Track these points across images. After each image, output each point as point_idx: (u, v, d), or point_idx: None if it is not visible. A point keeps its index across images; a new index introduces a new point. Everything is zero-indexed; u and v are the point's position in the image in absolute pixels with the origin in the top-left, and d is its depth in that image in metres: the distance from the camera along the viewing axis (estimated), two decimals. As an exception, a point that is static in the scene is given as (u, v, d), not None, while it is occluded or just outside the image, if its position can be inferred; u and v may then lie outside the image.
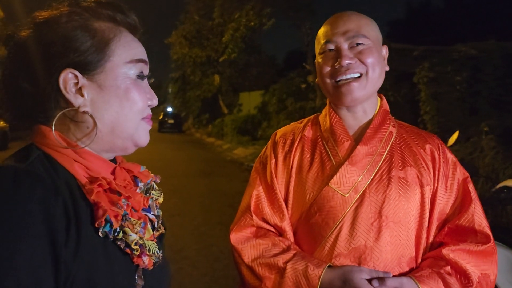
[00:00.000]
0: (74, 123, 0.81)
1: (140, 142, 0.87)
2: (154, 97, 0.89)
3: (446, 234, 1.22)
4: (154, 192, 0.93)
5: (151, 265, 0.82)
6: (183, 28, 22.97)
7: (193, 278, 4.12)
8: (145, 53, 0.89)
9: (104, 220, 0.75)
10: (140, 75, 0.85)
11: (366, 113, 1.28)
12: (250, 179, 1.36)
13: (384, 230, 1.16)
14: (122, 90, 0.82)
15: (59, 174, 0.76)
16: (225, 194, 8.00)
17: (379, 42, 1.28)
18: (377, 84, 1.26)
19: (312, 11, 14.91)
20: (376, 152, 1.23)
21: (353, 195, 1.18)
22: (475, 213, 1.22)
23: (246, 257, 1.22)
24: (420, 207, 1.21)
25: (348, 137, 1.25)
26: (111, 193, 0.80)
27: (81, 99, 0.79)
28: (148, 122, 0.88)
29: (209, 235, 5.49)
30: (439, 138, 1.32)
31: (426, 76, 8.58)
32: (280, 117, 15.35)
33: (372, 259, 1.15)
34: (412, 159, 1.24)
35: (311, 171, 1.25)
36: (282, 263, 1.17)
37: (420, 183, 1.21)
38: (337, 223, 1.17)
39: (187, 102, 28.21)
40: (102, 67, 0.80)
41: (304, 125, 1.36)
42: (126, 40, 0.84)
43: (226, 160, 13.86)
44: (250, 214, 1.28)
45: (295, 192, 1.26)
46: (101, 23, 0.82)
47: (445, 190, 1.24)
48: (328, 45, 1.25)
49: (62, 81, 0.78)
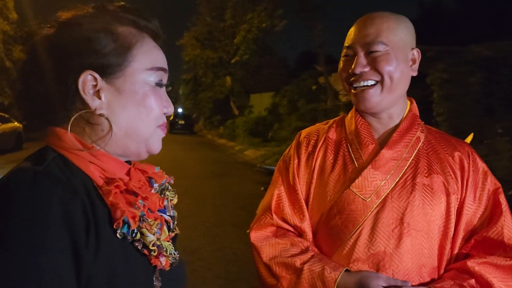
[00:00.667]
0: (90, 125, 0.81)
1: (153, 149, 0.87)
2: (170, 105, 0.88)
3: (472, 246, 1.17)
4: (169, 193, 0.93)
5: (168, 266, 0.82)
6: (195, 30, 23.11)
7: (207, 280, 4.12)
8: (165, 62, 0.88)
9: (122, 221, 0.75)
10: (159, 83, 0.85)
11: (392, 118, 1.24)
12: (273, 178, 1.35)
13: (405, 237, 1.13)
14: (140, 96, 0.81)
15: (76, 175, 0.76)
16: (237, 196, 8.01)
17: (403, 47, 1.20)
18: (398, 91, 1.20)
19: (324, 12, 14.91)
20: (401, 157, 1.19)
21: (374, 199, 1.16)
22: (505, 226, 1.16)
23: (265, 255, 1.22)
24: (445, 217, 1.17)
25: (373, 140, 1.23)
26: (128, 194, 0.79)
27: (98, 101, 0.79)
28: (163, 130, 0.88)
29: (222, 236, 5.50)
30: (470, 146, 1.26)
31: (439, 77, 8.50)
32: (291, 118, 15.33)
33: (391, 267, 1.12)
34: (439, 166, 1.20)
35: (333, 173, 1.23)
36: (300, 264, 1.16)
37: (446, 191, 1.17)
38: (357, 227, 1.15)
39: (199, 104, 28.33)
40: (122, 72, 0.80)
41: (329, 126, 1.34)
42: (148, 47, 0.84)
43: (237, 162, 13.88)
44: (271, 214, 1.27)
45: (316, 193, 1.25)
46: (124, 27, 0.82)
47: (473, 200, 1.19)
48: (348, 50, 1.23)
49: (81, 83, 0.78)
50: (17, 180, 0.69)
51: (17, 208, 0.66)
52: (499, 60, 8.14)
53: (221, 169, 11.63)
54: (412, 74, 1.23)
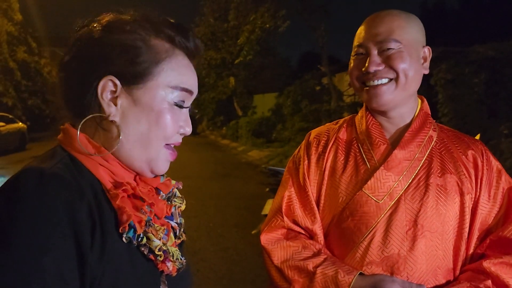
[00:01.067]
0: (101, 130, 0.81)
1: (157, 170, 0.85)
2: (189, 126, 0.86)
3: (488, 246, 1.15)
4: (176, 199, 0.93)
5: (175, 271, 0.82)
6: (198, 31, 23.08)
7: (211, 281, 4.12)
8: (195, 83, 0.87)
9: (128, 226, 0.75)
10: (179, 103, 0.83)
11: (403, 117, 1.23)
12: (283, 180, 1.33)
13: (420, 239, 1.11)
14: (155, 112, 0.80)
15: (84, 177, 0.76)
16: (240, 196, 8.00)
17: (414, 44, 1.19)
18: (411, 89, 1.20)
19: (327, 13, 14.85)
20: (414, 157, 1.17)
21: (387, 201, 1.14)
22: None
23: (276, 259, 1.20)
24: (459, 217, 1.15)
25: (384, 140, 1.21)
26: (135, 198, 0.79)
27: (114, 108, 0.79)
28: (171, 153, 0.86)
29: (226, 237, 5.50)
30: (483, 144, 1.25)
31: (443, 78, 8.47)
32: (294, 119, 15.30)
33: (406, 269, 1.10)
34: (452, 166, 1.18)
35: (345, 174, 1.21)
36: (312, 267, 1.14)
37: (460, 191, 1.15)
38: (370, 230, 1.13)
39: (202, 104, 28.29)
40: (144, 84, 0.80)
41: (339, 126, 1.32)
42: (178, 64, 0.83)
43: (241, 162, 13.87)
44: (281, 216, 1.26)
45: (327, 194, 1.23)
46: (159, 41, 0.82)
47: (488, 199, 1.17)
48: (359, 49, 1.21)
49: (101, 87, 0.78)
50: (24, 180, 0.69)
51: (22, 209, 0.66)
52: (503, 61, 8.11)
53: (224, 170, 11.63)
54: (424, 72, 1.22)
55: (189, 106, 0.88)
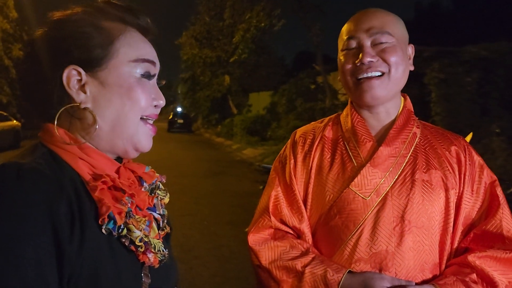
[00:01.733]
0: (76, 120, 0.82)
1: (140, 146, 0.86)
2: (161, 97, 0.87)
3: (471, 240, 1.16)
4: (159, 191, 0.93)
5: (156, 262, 0.82)
6: (193, 29, 23.10)
7: (204, 278, 4.14)
8: (154, 54, 0.88)
9: (108, 217, 0.75)
10: (145, 74, 0.85)
11: (389, 114, 1.23)
12: (269, 179, 1.32)
13: (407, 235, 1.11)
14: (125, 89, 0.82)
15: (64, 171, 0.77)
16: (234, 194, 8.01)
17: (404, 41, 1.22)
18: (400, 84, 1.21)
19: (323, 12, 14.91)
20: (399, 154, 1.18)
21: (374, 198, 1.14)
22: (503, 218, 1.16)
23: (264, 259, 1.20)
24: (444, 212, 1.16)
25: (370, 137, 1.21)
26: (115, 190, 0.80)
27: (83, 95, 0.80)
28: (151, 129, 0.87)
29: (220, 235, 5.51)
30: (465, 140, 1.27)
31: (436, 77, 8.53)
32: (289, 117, 15.34)
33: (394, 265, 1.11)
34: (437, 162, 1.19)
35: (332, 172, 1.21)
36: (301, 267, 1.14)
37: (445, 186, 1.17)
38: (358, 227, 1.13)
39: (197, 102, 28.30)
40: (106, 64, 0.81)
41: (324, 124, 1.32)
42: (133, 39, 0.84)
43: (235, 160, 13.88)
44: (268, 216, 1.25)
45: (314, 193, 1.23)
46: (109, 22, 0.83)
47: (471, 194, 1.19)
48: (351, 42, 1.20)
49: (66, 78, 0.79)
50: (1, 175, 0.70)
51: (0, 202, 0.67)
52: (495, 61, 8.18)
53: (218, 168, 11.64)
54: (411, 68, 1.24)
55: (161, 82, 0.90)
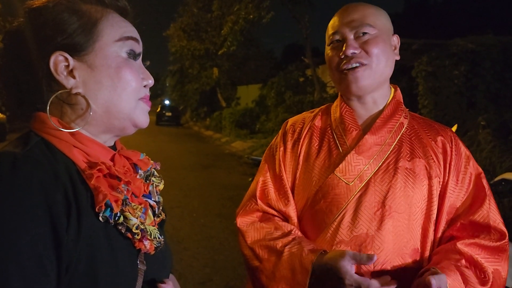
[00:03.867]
0: (69, 106, 0.81)
1: (139, 122, 0.86)
2: (149, 77, 0.88)
3: (458, 229, 1.20)
4: (154, 178, 0.93)
5: (152, 249, 0.83)
6: (181, 21, 22.88)
7: (194, 269, 4.17)
8: (135, 32, 0.88)
9: (105, 205, 0.75)
10: (131, 52, 0.85)
11: (376, 104, 1.27)
12: (260, 166, 1.39)
13: (387, 219, 1.15)
14: (113, 69, 0.81)
15: (58, 159, 0.76)
16: (224, 187, 8.04)
17: (387, 31, 1.26)
18: (385, 74, 1.25)
19: (311, 4, 14.87)
20: (385, 142, 1.22)
21: (357, 183, 1.19)
22: (490, 210, 1.20)
23: (249, 239, 1.26)
24: (427, 200, 1.20)
25: (357, 126, 1.26)
26: (111, 178, 0.80)
27: (73, 80, 0.80)
28: (146, 102, 0.88)
29: (209, 227, 5.54)
30: (452, 131, 1.30)
31: (424, 70, 8.60)
32: (278, 110, 15.36)
33: (373, 248, 1.15)
34: (421, 151, 1.23)
35: (318, 158, 1.26)
36: (280, 246, 1.20)
37: (428, 175, 1.20)
38: (340, 211, 1.18)
39: (185, 95, 28.15)
40: (91, 47, 0.80)
41: (314, 114, 1.37)
42: (114, 20, 0.84)
43: (224, 153, 13.89)
44: (255, 200, 1.31)
45: (301, 178, 1.28)
46: (88, 5, 0.83)
47: (456, 183, 1.22)
48: (335, 36, 1.25)
49: (53, 64, 0.78)
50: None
51: None
52: (482, 53, 8.27)
53: (207, 161, 11.64)
54: (396, 58, 1.28)
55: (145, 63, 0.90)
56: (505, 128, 6.96)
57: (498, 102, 8.11)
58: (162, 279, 0.88)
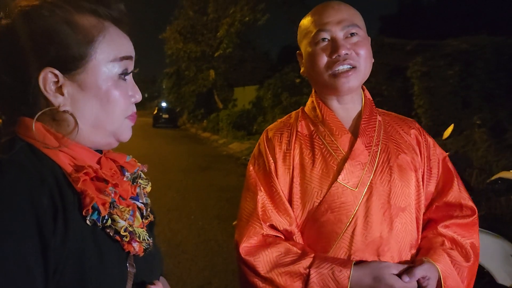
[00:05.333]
0: (55, 122, 0.79)
1: (123, 138, 0.86)
2: (137, 92, 0.86)
3: (434, 211, 1.27)
4: (141, 181, 0.93)
5: (141, 251, 0.82)
6: (177, 23, 22.90)
7: (192, 272, 4.16)
8: (131, 48, 0.85)
9: (92, 208, 0.74)
10: (124, 72, 0.82)
11: (354, 105, 1.27)
12: (249, 183, 1.28)
13: (395, 218, 1.17)
14: (103, 91, 0.79)
15: (44, 163, 0.75)
16: (221, 189, 8.03)
17: (366, 34, 1.26)
18: (367, 75, 1.26)
19: (306, 6, 14.93)
20: (373, 142, 1.23)
21: (361, 188, 1.17)
22: (460, 189, 1.28)
23: (262, 269, 1.17)
24: (416, 191, 1.23)
25: (344, 130, 1.24)
26: (98, 181, 0.79)
27: (61, 98, 0.77)
28: (132, 120, 0.87)
29: (207, 229, 5.54)
30: (417, 122, 1.36)
31: (419, 70, 8.63)
32: (275, 111, 15.36)
33: (389, 250, 1.15)
34: (404, 146, 1.26)
35: (315, 168, 1.21)
36: (304, 269, 1.13)
37: (414, 168, 1.24)
38: (351, 218, 1.16)
39: (182, 97, 28.08)
40: (84, 67, 0.78)
41: (295, 120, 1.32)
42: (111, 37, 0.81)
43: (221, 155, 13.87)
44: (259, 222, 1.21)
45: (300, 191, 1.22)
46: (84, 18, 0.78)
47: (430, 171, 1.28)
48: (322, 34, 1.20)
49: (42, 80, 0.76)
50: None
51: None
52: (476, 53, 8.31)
53: (205, 163, 11.62)
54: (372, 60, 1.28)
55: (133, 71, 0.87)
56: (500, 127, 6.99)
57: (492, 101, 8.15)
58: (152, 281, 0.87)
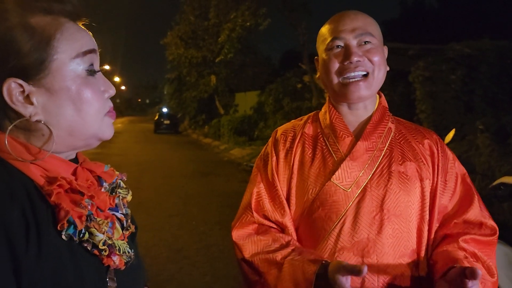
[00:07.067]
0: (29, 132, 0.75)
1: (105, 137, 0.83)
2: (110, 87, 0.82)
3: (451, 228, 1.25)
4: (121, 190, 0.89)
5: (122, 265, 0.79)
6: (178, 29, 22.94)
7: (194, 278, 4.14)
8: (92, 41, 0.80)
9: (67, 222, 0.71)
10: (90, 69, 0.78)
11: (366, 110, 1.30)
12: (251, 177, 1.38)
13: (386, 223, 1.18)
14: (74, 92, 0.75)
15: (15, 177, 0.72)
16: (223, 194, 8.01)
17: (382, 42, 1.30)
18: (381, 83, 1.28)
19: (308, 11, 14.95)
20: (376, 148, 1.25)
21: (354, 190, 1.21)
22: (481, 208, 1.27)
23: (247, 253, 1.25)
24: (420, 201, 1.24)
25: (348, 133, 1.28)
26: (73, 193, 0.75)
27: (31, 107, 0.73)
28: (111, 116, 0.83)
29: (209, 235, 5.52)
30: (436, 134, 1.36)
31: (421, 75, 8.61)
32: (276, 117, 15.36)
33: (375, 252, 1.17)
34: (411, 154, 1.27)
35: (313, 167, 1.27)
36: (280, 258, 1.19)
37: (419, 177, 1.24)
38: (340, 217, 1.20)
39: (183, 103, 28.14)
40: (47, 70, 0.73)
41: (304, 122, 1.38)
42: (69, 33, 0.75)
43: (223, 161, 13.87)
44: (251, 212, 1.30)
45: (297, 188, 1.28)
46: (38, 18, 0.73)
47: (444, 183, 1.27)
48: (336, 42, 1.25)
49: (6, 93, 0.71)
50: None
51: None
52: (478, 58, 8.29)
53: (206, 168, 11.62)
54: (387, 68, 1.31)
55: (101, 69, 0.83)
56: (503, 132, 6.96)
57: (495, 106, 8.12)
58: None
